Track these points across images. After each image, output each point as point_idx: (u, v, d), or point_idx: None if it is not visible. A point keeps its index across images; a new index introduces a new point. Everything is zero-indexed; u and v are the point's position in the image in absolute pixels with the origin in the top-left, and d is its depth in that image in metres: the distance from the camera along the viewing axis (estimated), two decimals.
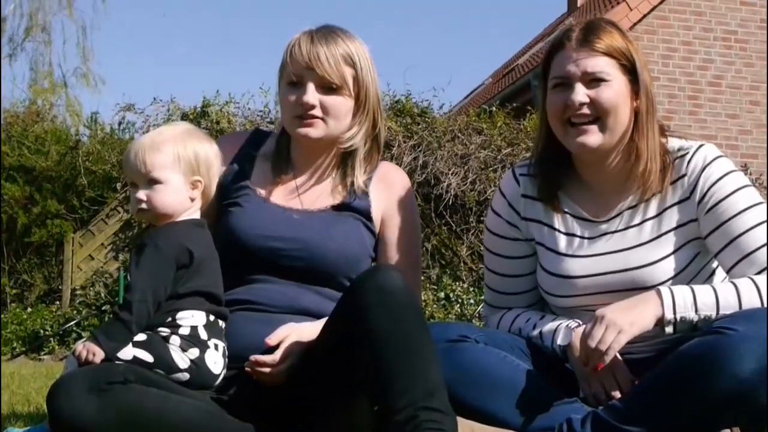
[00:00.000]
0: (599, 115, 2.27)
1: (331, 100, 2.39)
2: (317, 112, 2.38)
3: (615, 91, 2.27)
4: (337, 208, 2.45)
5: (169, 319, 2.16)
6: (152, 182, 2.25)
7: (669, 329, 2.13)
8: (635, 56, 2.30)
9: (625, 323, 2.10)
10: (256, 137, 2.59)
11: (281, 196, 2.46)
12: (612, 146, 2.32)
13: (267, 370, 2.17)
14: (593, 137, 2.28)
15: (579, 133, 2.29)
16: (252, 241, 2.35)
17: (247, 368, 2.18)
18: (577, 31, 2.31)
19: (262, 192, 2.45)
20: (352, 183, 2.47)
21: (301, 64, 2.37)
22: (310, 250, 2.35)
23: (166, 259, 2.17)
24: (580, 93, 2.26)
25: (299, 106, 2.38)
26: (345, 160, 2.50)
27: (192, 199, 2.31)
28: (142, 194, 2.25)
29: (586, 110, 2.27)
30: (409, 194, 2.56)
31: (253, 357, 2.17)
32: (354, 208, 2.45)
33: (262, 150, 2.54)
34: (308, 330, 2.22)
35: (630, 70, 2.29)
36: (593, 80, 2.26)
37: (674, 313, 2.11)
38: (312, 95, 2.37)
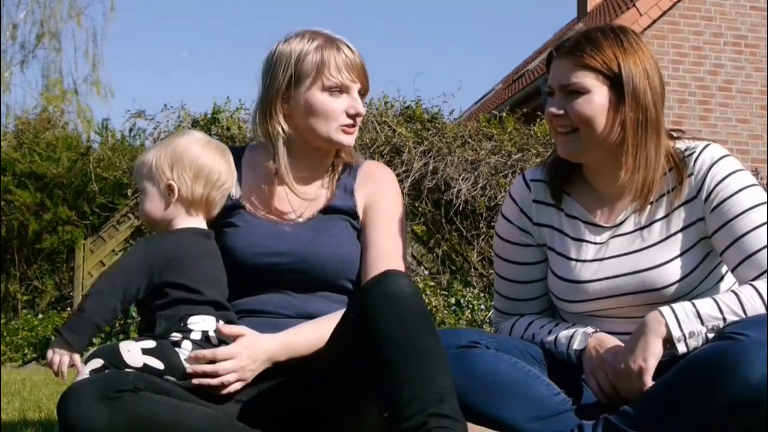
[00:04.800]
0: (576, 127, 2.29)
1: (363, 108, 2.45)
2: (359, 120, 2.45)
3: (592, 103, 2.27)
4: (325, 211, 2.47)
5: (181, 324, 2.17)
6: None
7: (681, 347, 2.10)
8: (626, 67, 2.26)
9: (638, 363, 2.11)
10: (234, 152, 2.51)
11: (271, 207, 2.47)
12: (600, 156, 2.32)
13: (208, 367, 2.12)
14: (570, 146, 2.32)
15: (560, 141, 2.34)
16: (249, 259, 2.35)
17: (189, 371, 2.12)
18: (571, 40, 2.33)
19: (252, 207, 2.46)
20: (339, 178, 2.51)
21: (351, 74, 2.41)
22: (306, 261, 2.36)
23: (147, 259, 2.19)
24: (555, 105, 2.31)
25: (351, 116, 2.42)
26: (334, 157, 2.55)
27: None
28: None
29: (562, 121, 2.31)
30: (392, 185, 2.58)
31: (193, 353, 2.13)
32: (340, 209, 2.47)
33: (245, 161, 2.53)
34: (266, 340, 2.21)
35: (616, 81, 2.27)
36: (571, 92, 2.29)
37: (680, 329, 2.10)
38: (361, 104, 2.43)
